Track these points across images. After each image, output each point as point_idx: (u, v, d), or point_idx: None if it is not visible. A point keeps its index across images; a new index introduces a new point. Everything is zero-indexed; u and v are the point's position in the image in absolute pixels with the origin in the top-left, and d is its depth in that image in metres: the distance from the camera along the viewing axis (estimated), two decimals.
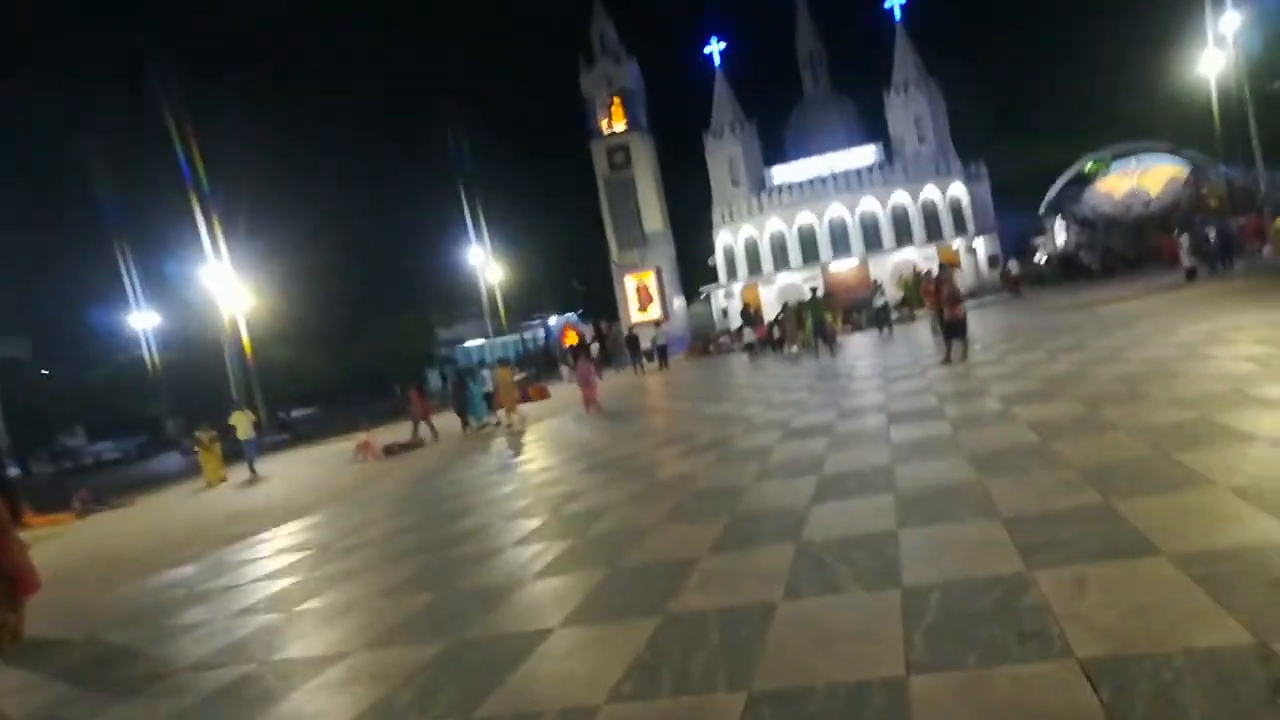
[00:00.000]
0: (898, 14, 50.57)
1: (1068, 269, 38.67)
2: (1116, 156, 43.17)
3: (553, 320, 54.79)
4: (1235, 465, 5.08)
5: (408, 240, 58.43)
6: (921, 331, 25.15)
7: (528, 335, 51.13)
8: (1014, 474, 5.93)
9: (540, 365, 44.05)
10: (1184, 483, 4.92)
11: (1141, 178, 42.73)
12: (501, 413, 19.80)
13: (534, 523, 7.67)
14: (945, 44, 54.57)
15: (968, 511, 5.21)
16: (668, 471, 9.04)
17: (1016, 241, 46.07)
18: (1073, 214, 44.48)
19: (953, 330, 14.62)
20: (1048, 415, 7.90)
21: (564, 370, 35.72)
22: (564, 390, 28.73)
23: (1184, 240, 22.91)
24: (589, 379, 18.94)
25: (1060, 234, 45.16)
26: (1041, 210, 45.97)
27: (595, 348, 40.20)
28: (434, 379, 46.09)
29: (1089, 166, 44.02)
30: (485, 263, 38.40)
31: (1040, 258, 43.18)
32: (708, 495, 7.35)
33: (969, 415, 8.79)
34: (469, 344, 51.81)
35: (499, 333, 46.70)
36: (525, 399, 26.65)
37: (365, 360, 52.00)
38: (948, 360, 14.31)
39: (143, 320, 41.28)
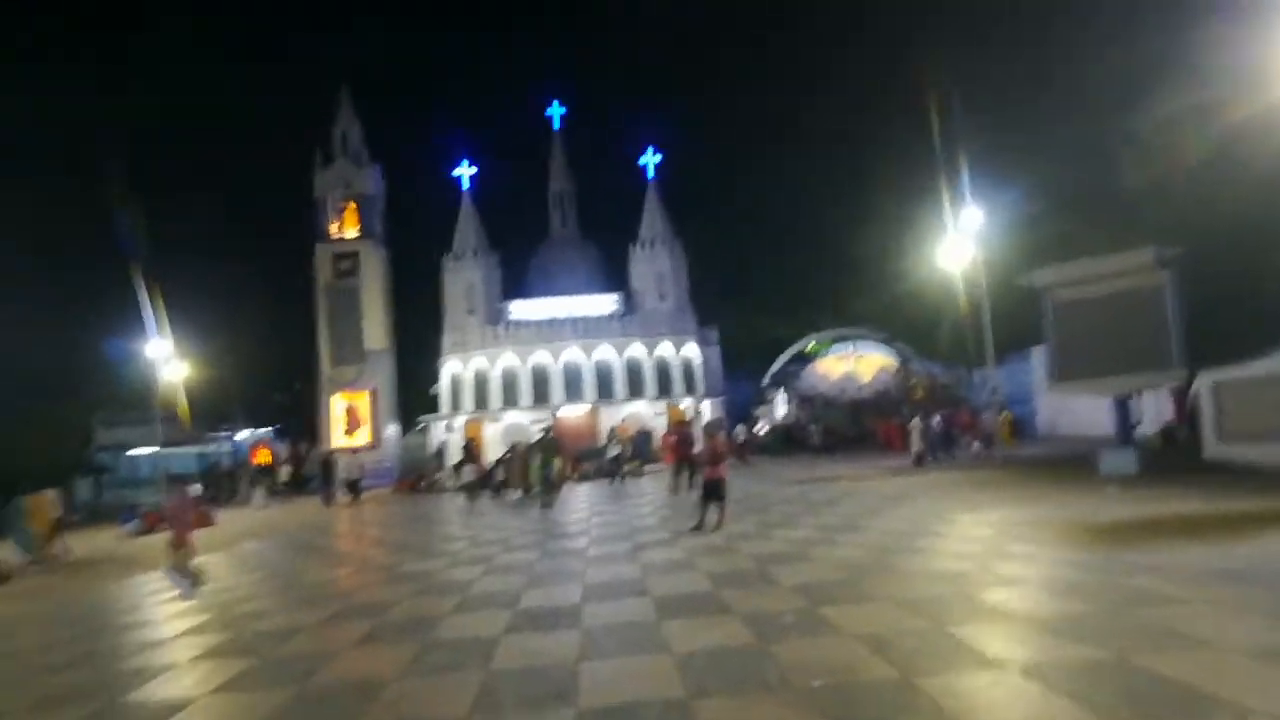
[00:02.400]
0: (650, 171, 51.87)
1: (789, 441, 39.27)
2: (836, 340, 45.65)
3: (243, 435, 47.86)
4: None
5: (67, 323, 48.19)
6: (650, 486, 23.44)
7: (210, 449, 44.15)
8: None
9: (223, 486, 37.36)
10: None
11: (856, 362, 45.35)
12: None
13: None
14: (693, 208, 56.49)
15: None
16: (334, 673, 5.85)
17: (741, 408, 46.84)
18: (794, 389, 46.06)
19: (711, 492, 12.64)
20: (877, 626, 5.78)
21: (255, 494, 30.02)
22: (244, 518, 23.95)
23: (915, 425, 23.03)
24: (181, 518, 13.24)
25: (781, 406, 46.50)
26: (765, 381, 47.27)
27: (286, 470, 34.91)
28: (84, 489, 39.05)
29: (811, 346, 46.11)
30: (166, 359, 31.42)
31: (761, 427, 43.82)
32: None
33: (766, 615, 6.49)
34: (136, 452, 43.61)
35: (175, 442, 40.00)
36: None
37: None
38: (699, 527, 12.26)
39: None
